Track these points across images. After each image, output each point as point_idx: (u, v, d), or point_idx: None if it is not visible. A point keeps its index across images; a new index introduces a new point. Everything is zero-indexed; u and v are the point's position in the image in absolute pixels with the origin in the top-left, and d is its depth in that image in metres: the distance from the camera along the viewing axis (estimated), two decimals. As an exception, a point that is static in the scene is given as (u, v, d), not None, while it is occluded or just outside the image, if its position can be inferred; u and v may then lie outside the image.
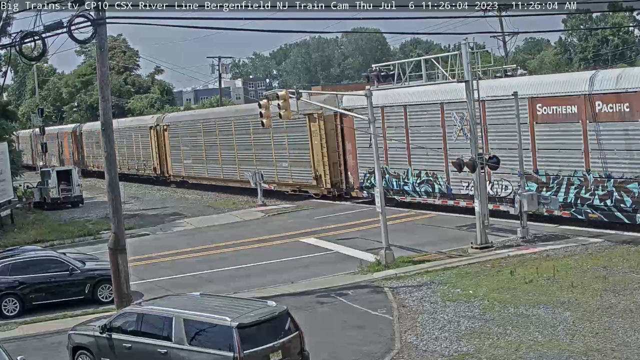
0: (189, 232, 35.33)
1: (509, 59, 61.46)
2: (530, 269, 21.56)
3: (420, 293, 20.49)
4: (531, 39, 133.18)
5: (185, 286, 22.79)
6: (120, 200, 21.72)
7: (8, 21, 37.78)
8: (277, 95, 26.93)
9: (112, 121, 22.00)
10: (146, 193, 54.36)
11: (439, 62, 27.67)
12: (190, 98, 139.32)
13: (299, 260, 26.51)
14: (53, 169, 50.39)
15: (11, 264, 22.81)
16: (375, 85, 29.52)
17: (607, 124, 25.49)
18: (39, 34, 20.34)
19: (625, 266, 21.07)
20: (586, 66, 77.19)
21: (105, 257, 23.57)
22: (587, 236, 25.40)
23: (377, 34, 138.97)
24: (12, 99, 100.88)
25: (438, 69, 27.62)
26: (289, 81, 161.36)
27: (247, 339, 13.71)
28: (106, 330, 15.63)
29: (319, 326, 18.06)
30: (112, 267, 21.33)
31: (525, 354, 15.30)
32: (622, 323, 16.49)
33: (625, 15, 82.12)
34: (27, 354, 16.06)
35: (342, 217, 34.62)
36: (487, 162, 25.84)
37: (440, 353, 15.91)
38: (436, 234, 28.78)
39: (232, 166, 47.81)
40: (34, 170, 72.74)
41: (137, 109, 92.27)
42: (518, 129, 26.63)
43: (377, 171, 25.25)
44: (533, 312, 17.85)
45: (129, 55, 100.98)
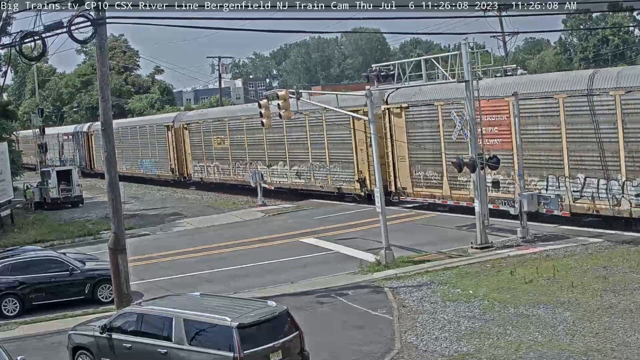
0: (189, 232, 35.33)
1: (509, 59, 61.41)
2: (530, 269, 21.56)
3: (420, 293, 20.48)
4: (531, 39, 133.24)
5: (185, 286, 22.79)
6: (120, 200, 21.72)
7: (8, 21, 37.77)
8: (277, 95, 26.94)
9: (112, 121, 22.01)
10: (146, 193, 54.34)
11: (439, 62, 27.66)
12: (190, 98, 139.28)
13: (299, 260, 26.50)
14: (53, 169, 50.39)
15: (11, 264, 22.80)
16: (375, 85, 29.48)
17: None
18: (39, 34, 20.34)
19: (625, 266, 21.07)
20: (586, 66, 77.13)
21: (105, 257, 23.56)
22: (587, 236, 25.40)
23: (377, 34, 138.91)
24: (12, 99, 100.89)
25: (438, 69, 27.61)
26: (289, 81, 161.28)
27: (247, 339, 13.71)
28: (106, 330, 15.63)
29: (319, 326, 18.06)
30: (112, 267, 21.33)
31: (525, 354, 15.30)
32: (622, 323, 16.49)
33: (625, 15, 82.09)
34: (27, 354, 16.04)
35: (342, 217, 34.61)
36: (487, 162, 25.83)
37: (440, 353, 15.91)
38: (436, 234, 28.78)
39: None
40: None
41: (137, 109, 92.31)
42: (518, 129, 26.66)
43: (377, 171, 25.26)
44: (533, 312, 17.84)
45: (129, 55, 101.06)
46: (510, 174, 28.85)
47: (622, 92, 24.78)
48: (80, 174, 52.52)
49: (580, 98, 26.21)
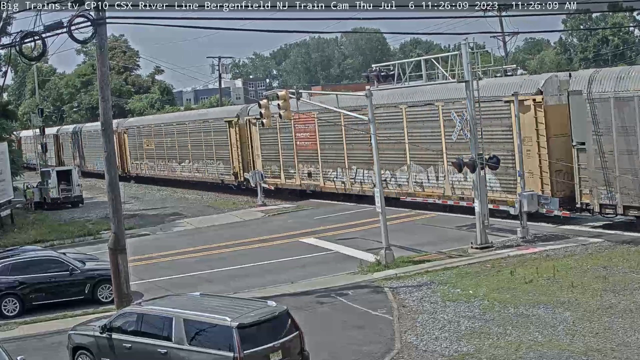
0: (189, 232, 35.33)
1: (509, 59, 61.42)
2: (530, 269, 21.56)
3: (420, 293, 20.48)
4: (531, 39, 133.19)
5: (185, 286, 22.79)
6: (120, 200, 21.72)
7: (8, 21, 37.80)
8: (277, 95, 26.96)
9: (112, 121, 22.02)
10: (146, 193, 54.36)
11: (439, 62, 27.67)
12: (190, 98, 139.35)
13: (299, 260, 26.51)
14: (53, 169, 50.40)
15: (11, 264, 22.78)
16: (375, 85, 29.50)
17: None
18: (39, 34, 20.34)
19: (625, 266, 21.07)
20: (586, 66, 77.15)
21: (105, 257, 23.56)
22: (587, 236, 25.42)
23: (377, 34, 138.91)
24: (12, 99, 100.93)
25: (438, 69, 27.62)
26: (289, 81, 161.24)
27: (247, 339, 13.70)
28: (106, 330, 15.62)
29: (319, 326, 18.06)
30: (112, 267, 21.33)
31: (525, 354, 15.30)
32: (622, 323, 16.49)
33: (625, 15, 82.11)
34: (27, 354, 16.03)
35: (342, 217, 34.61)
36: (487, 162, 25.83)
37: (440, 353, 15.91)
38: (436, 234, 28.78)
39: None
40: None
41: (137, 109, 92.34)
42: (518, 129, 26.68)
43: (377, 171, 25.26)
44: (533, 312, 17.84)
45: (129, 55, 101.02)
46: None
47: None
48: (80, 173, 52.54)
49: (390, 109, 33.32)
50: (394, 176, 34.65)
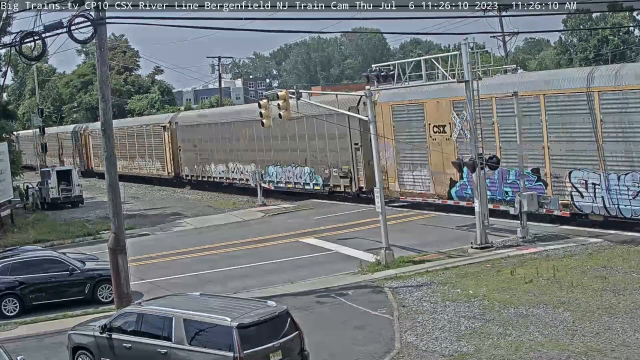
0: (189, 232, 35.34)
1: (509, 59, 61.38)
2: (530, 269, 21.57)
3: (420, 293, 20.48)
4: (531, 39, 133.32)
5: (185, 286, 22.80)
6: (120, 200, 21.72)
7: (8, 21, 37.78)
8: (277, 95, 26.95)
9: (112, 121, 22.02)
10: (146, 193, 54.37)
11: (439, 62, 27.66)
12: (190, 98, 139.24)
13: (298, 260, 26.51)
14: (53, 169, 50.38)
15: (11, 264, 22.78)
16: (375, 85, 29.49)
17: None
18: (39, 34, 20.36)
19: (625, 266, 21.08)
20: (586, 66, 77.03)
21: (105, 257, 23.57)
22: (587, 236, 25.42)
23: (377, 34, 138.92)
24: (12, 99, 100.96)
25: (438, 69, 27.61)
26: (289, 81, 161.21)
27: (247, 339, 13.70)
28: (106, 330, 15.62)
29: (319, 326, 18.06)
30: (112, 267, 21.34)
31: (525, 354, 15.30)
32: (622, 323, 16.49)
33: (625, 15, 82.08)
34: (27, 354, 16.04)
35: (342, 217, 34.61)
36: (487, 162, 25.83)
37: (440, 353, 15.91)
38: (436, 234, 28.78)
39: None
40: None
41: (137, 109, 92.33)
42: (518, 128, 26.66)
43: (377, 171, 25.27)
44: (533, 312, 17.85)
45: (129, 55, 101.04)
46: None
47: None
48: (80, 173, 52.51)
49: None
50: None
